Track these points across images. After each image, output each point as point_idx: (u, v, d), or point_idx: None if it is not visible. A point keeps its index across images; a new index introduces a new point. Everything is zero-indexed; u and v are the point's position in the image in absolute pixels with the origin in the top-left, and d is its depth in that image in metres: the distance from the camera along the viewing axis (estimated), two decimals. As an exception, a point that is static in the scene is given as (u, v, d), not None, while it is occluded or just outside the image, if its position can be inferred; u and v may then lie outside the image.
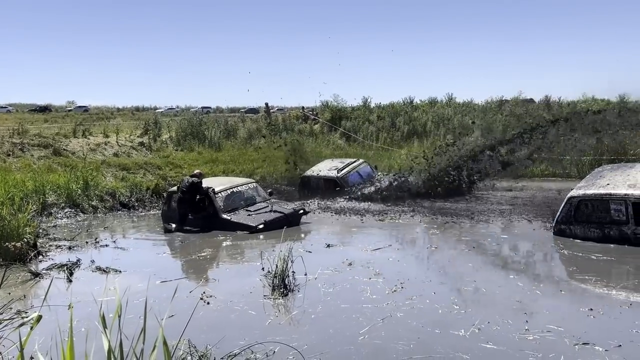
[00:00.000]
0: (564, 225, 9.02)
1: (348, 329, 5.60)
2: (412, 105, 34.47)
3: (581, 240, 8.66)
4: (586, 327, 5.20)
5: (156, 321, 5.82)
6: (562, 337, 4.98)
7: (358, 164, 16.94)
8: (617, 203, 8.36)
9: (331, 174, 16.08)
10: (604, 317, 5.46)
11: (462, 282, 6.98)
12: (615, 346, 4.72)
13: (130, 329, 3.03)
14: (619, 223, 8.34)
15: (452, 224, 11.15)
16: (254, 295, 6.96)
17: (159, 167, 18.99)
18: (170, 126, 25.15)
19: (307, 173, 16.99)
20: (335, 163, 17.18)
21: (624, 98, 33.68)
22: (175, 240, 11.10)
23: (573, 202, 8.90)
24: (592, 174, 9.82)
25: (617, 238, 8.33)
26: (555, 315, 5.54)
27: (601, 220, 8.56)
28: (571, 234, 8.88)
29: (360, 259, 8.42)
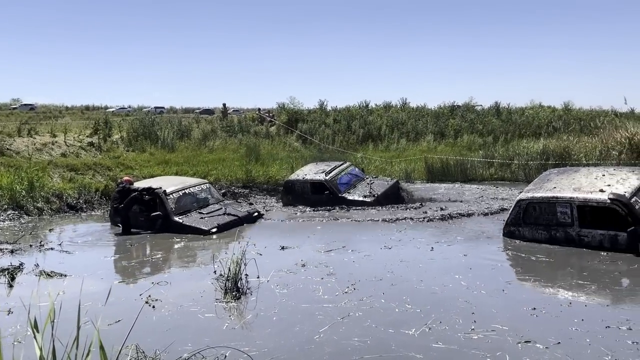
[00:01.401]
0: (513, 227, 9.25)
1: (301, 332, 5.59)
2: (368, 109, 34.83)
3: (529, 241, 8.91)
4: (529, 326, 5.36)
5: (102, 326, 5.68)
6: (506, 336, 5.11)
7: (346, 167, 16.25)
8: (563, 206, 8.62)
9: (318, 177, 15.23)
10: (546, 316, 5.64)
11: (413, 283, 7.08)
12: (554, 343, 4.88)
13: (69, 334, 2.93)
14: (565, 225, 8.60)
15: (412, 224, 11.33)
16: (205, 298, 6.85)
17: (109, 168, 18.45)
18: (121, 126, 24.50)
19: (291, 177, 16.13)
20: (321, 166, 16.40)
21: (568, 105, 35.11)
22: (125, 243, 10.81)
23: (522, 205, 9.14)
24: (539, 178, 10.10)
25: (563, 239, 8.60)
26: (501, 315, 5.69)
27: (548, 222, 8.81)
28: (520, 235, 9.12)
29: (314, 260, 8.43)
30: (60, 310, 2.44)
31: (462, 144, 25.20)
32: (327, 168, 15.75)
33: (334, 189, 14.80)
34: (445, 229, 10.67)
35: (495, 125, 27.94)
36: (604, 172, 9.19)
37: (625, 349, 4.70)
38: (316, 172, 15.65)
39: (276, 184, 18.49)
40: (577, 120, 27.82)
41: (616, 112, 31.08)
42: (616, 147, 18.07)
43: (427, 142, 26.20)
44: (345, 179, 15.37)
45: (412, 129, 27.94)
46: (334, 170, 15.48)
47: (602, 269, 7.36)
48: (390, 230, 10.85)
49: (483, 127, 27.75)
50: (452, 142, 26.10)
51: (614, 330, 5.13)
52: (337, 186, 14.99)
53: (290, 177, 16.29)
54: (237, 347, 5.07)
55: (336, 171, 15.49)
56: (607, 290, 6.51)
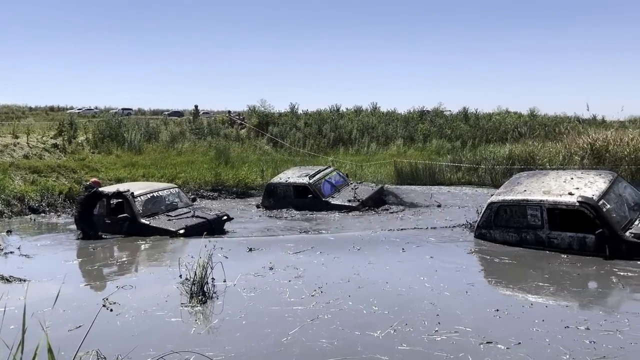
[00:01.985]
0: (484, 230, 9.33)
1: (269, 335, 5.55)
2: (339, 113, 35.02)
3: (500, 244, 9.01)
4: (492, 327, 5.45)
5: (60, 332, 5.53)
6: (469, 337, 5.18)
7: (329, 171, 16.14)
8: (533, 208, 8.69)
9: (302, 180, 15.06)
10: (509, 317, 5.73)
11: (379, 285, 7.11)
12: (515, 344, 4.97)
13: (33, 342, 2.84)
14: (535, 227, 8.68)
15: (382, 225, 11.40)
16: (170, 303, 6.72)
17: (74, 170, 18.03)
18: (87, 127, 23.97)
19: (273, 180, 15.97)
20: (304, 170, 16.25)
21: (534, 111, 36.00)
22: (88, 247, 10.56)
23: (493, 208, 9.21)
24: (509, 181, 10.21)
25: (533, 242, 8.70)
26: (465, 316, 5.77)
27: (519, 224, 8.88)
28: (491, 237, 9.21)
29: (282, 262, 8.37)
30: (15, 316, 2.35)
31: (431, 149, 25.54)
32: (310, 172, 15.65)
33: (317, 192, 14.69)
34: (418, 232, 10.79)
35: (463, 130, 28.43)
36: (572, 176, 9.36)
37: (583, 348, 4.81)
38: (299, 175, 15.51)
39: (246, 187, 18.39)
40: (542, 126, 28.54)
41: (579, 118, 32.03)
42: (579, 153, 18.62)
43: (397, 146, 26.48)
44: (328, 183, 15.33)
45: (382, 133, 28.20)
46: (317, 174, 15.40)
47: (563, 271, 7.53)
48: (363, 231, 10.92)
49: (451, 132, 28.21)
50: (421, 146, 26.44)
51: (572, 330, 5.25)
52: (321, 190, 14.88)
53: (272, 180, 16.12)
54: (202, 352, 4.99)
55: (320, 175, 15.41)
56: (566, 292, 6.65)
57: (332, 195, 14.86)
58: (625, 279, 7.05)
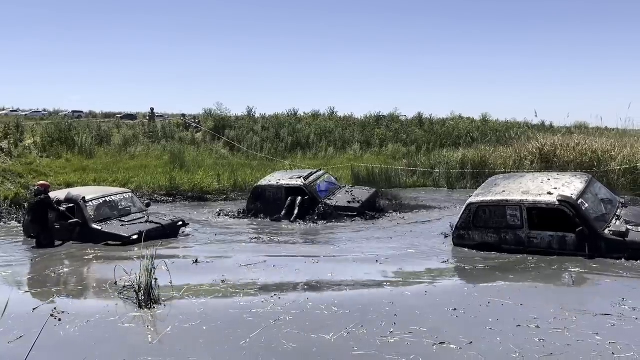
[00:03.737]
0: (462, 231, 9.33)
1: (223, 342, 5.46)
2: (296, 117, 35.04)
3: (479, 244, 9.08)
4: (447, 327, 5.53)
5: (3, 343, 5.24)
6: (422, 338, 5.22)
7: (322, 174, 15.26)
8: (512, 209, 8.76)
9: (295, 181, 14.11)
10: (465, 316, 5.83)
11: (336, 288, 7.14)
12: (467, 343, 5.05)
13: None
14: (515, 228, 8.75)
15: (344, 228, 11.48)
16: (120, 310, 6.53)
17: (21, 175, 17.29)
18: (35, 130, 23.05)
19: (261, 183, 15.00)
20: (293, 173, 15.37)
21: (486, 117, 37.04)
22: (32, 255, 10.14)
23: (472, 209, 9.23)
24: (487, 183, 10.28)
25: (513, 242, 8.76)
26: (422, 317, 5.84)
27: (498, 225, 8.93)
28: (470, 239, 9.22)
29: (232, 272, 8.13)
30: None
31: (387, 153, 25.87)
32: (303, 174, 14.80)
33: (314, 194, 13.84)
34: (394, 233, 10.95)
35: (418, 135, 28.94)
36: (549, 177, 9.55)
37: (532, 346, 4.95)
38: (291, 177, 14.65)
39: (202, 192, 18.09)
40: (494, 131, 29.36)
41: (528, 124, 33.20)
42: (528, 157, 19.26)
43: (354, 150, 26.69)
44: (323, 185, 14.60)
45: (339, 137, 28.37)
46: (311, 176, 14.60)
47: (523, 270, 7.73)
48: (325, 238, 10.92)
49: (407, 136, 28.66)
50: (377, 151, 26.75)
51: (523, 329, 5.40)
52: (317, 192, 14.05)
53: (260, 182, 15.21)
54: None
55: (314, 177, 14.63)
56: (521, 290, 6.79)
57: (328, 198, 14.14)
58: (577, 278, 7.30)
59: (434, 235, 10.75)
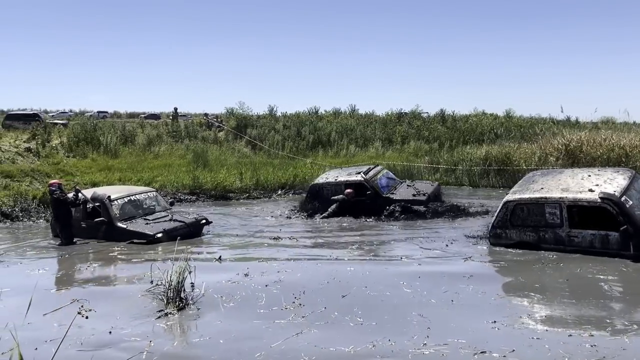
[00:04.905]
0: (499, 230, 9.08)
1: (250, 341, 5.49)
2: (317, 115, 35.01)
3: (516, 243, 8.79)
4: (488, 337, 5.27)
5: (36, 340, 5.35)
6: (459, 349, 5.01)
7: (380, 169, 14.70)
8: (551, 206, 8.50)
9: (355, 177, 13.61)
10: (507, 328, 5.53)
11: (365, 294, 6.90)
12: (509, 351, 4.86)
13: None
14: (554, 226, 8.50)
15: (375, 230, 11.27)
16: (148, 309, 6.60)
17: (48, 174, 17.61)
18: (61, 131, 23.49)
19: (318, 181, 14.45)
20: (350, 170, 14.86)
21: (510, 113, 36.51)
22: (62, 254, 10.33)
23: (509, 207, 8.97)
24: (523, 180, 10.02)
25: (552, 241, 8.50)
26: (459, 329, 5.55)
27: (536, 223, 8.68)
28: (507, 237, 8.98)
29: (257, 271, 8.13)
30: None
31: (409, 150, 25.66)
32: (361, 169, 14.33)
33: (376, 188, 13.29)
34: (423, 233, 10.78)
35: (441, 132, 28.63)
36: (589, 173, 9.22)
37: (583, 351, 4.77)
38: (349, 173, 14.17)
39: (224, 191, 18.20)
40: (518, 127, 28.91)
41: (554, 120, 32.60)
42: (553, 153, 18.91)
43: (375, 148, 26.54)
44: (384, 180, 14.07)
45: (360, 135, 28.24)
46: (370, 171, 14.05)
47: (562, 274, 7.40)
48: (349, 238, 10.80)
49: (429, 133, 28.38)
50: (399, 148, 26.55)
51: (576, 338, 5.13)
52: (379, 187, 13.51)
53: (316, 180, 14.69)
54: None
55: (373, 172, 14.07)
56: (566, 298, 6.47)
57: (391, 192, 13.54)
58: (627, 280, 6.92)
59: (467, 234, 10.42)
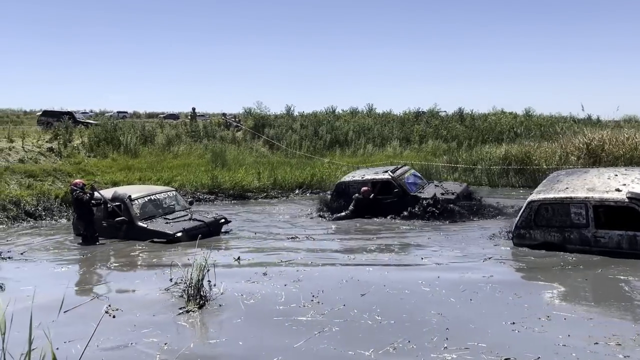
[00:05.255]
0: (523, 230, 8.92)
1: (274, 340, 5.53)
2: (334, 115, 35.01)
3: (540, 244, 8.65)
4: (508, 341, 5.16)
5: (64, 338, 5.44)
6: (481, 354, 4.90)
7: (408, 168, 14.64)
8: (577, 206, 8.34)
9: (382, 175, 13.59)
10: (528, 331, 5.43)
11: (383, 293, 6.89)
12: (534, 358, 4.74)
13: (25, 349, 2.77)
14: (580, 226, 8.35)
15: (397, 230, 11.29)
16: (168, 307, 6.69)
17: (70, 174, 17.90)
18: (82, 131, 23.86)
19: (345, 179, 14.42)
20: (377, 169, 14.92)
21: (529, 112, 36.07)
22: (84, 252, 10.51)
23: (533, 207, 8.82)
24: (548, 179, 9.90)
25: (578, 242, 8.36)
26: (479, 331, 5.47)
27: (561, 224, 8.53)
28: (531, 238, 8.82)
29: (276, 270, 8.19)
30: (12, 323, 2.31)
31: (427, 150, 25.54)
32: (389, 168, 14.33)
33: (403, 187, 13.21)
34: (445, 234, 10.71)
35: (459, 131, 28.43)
36: (616, 172, 9.07)
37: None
38: (376, 172, 14.19)
39: (242, 190, 18.31)
40: (538, 126, 28.58)
41: (574, 118, 32.15)
42: (575, 152, 18.65)
43: (393, 147, 26.46)
44: (411, 179, 13.99)
45: (378, 134, 28.17)
46: (398, 170, 14.04)
47: (585, 275, 7.25)
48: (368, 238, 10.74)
49: (447, 132, 28.20)
50: (417, 147, 26.43)
51: (602, 346, 4.98)
52: (407, 185, 13.42)
53: (343, 179, 14.62)
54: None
55: (400, 171, 14.06)
56: (587, 301, 6.35)
57: (419, 191, 13.43)
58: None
59: (489, 235, 10.29)
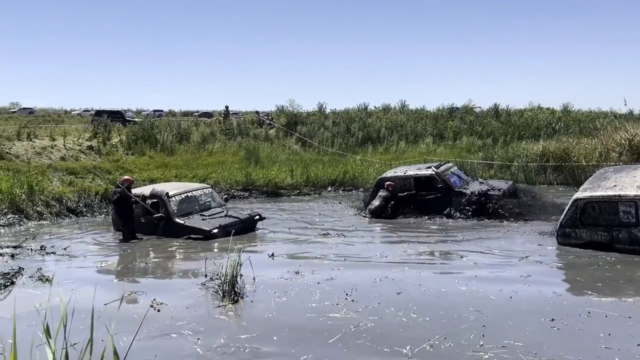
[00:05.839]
0: (568, 229, 8.71)
1: (308, 335, 5.58)
2: (367, 112, 34.90)
3: (586, 243, 8.44)
4: (547, 341, 5.05)
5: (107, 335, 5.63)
6: (518, 354, 4.81)
7: (451, 165, 14.34)
8: (626, 205, 8.10)
9: (425, 171, 13.30)
10: (567, 329, 5.31)
11: (419, 291, 6.86)
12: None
13: (77, 340, 2.88)
14: (628, 225, 8.12)
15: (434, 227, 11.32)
16: (206, 302, 6.83)
17: (109, 171, 18.41)
18: (120, 130, 24.48)
19: (386, 175, 14.13)
20: (419, 165, 14.64)
21: (567, 107, 35.17)
22: (124, 248, 10.79)
23: (579, 205, 8.59)
24: (594, 176, 9.69)
25: (627, 241, 8.12)
26: (517, 328, 5.38)
27: (609, 222, 8.31)
28: (576, 237, 8.61)
29: (309, 267, 8.24)
30: (73, 316, 2.41)
31: (461, 146, 25.22)
32: (432, 164, 14.14)
33: (448, 183, 12.93)
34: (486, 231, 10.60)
35: (494, 127, 27.97)
36: None
37: None
38: (418, 168, 13.92)
39: (276, 187, 18.46)
40: (577, 121, 27.86)
41: (615, 113, 31.19)
42: (616, 149, 18.10)
43: (426, 144, 26.21)
44: (455, 176, 13.65)
45: (411, 131, 27.95)
46: (442, 166, 13.74)
47: (623, 278, 7.07)
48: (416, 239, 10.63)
49: (482, 129, 27.77)
50: (451, 144, 26.12)
51: None
52: (451, 181, 13.12)
53: (384, 174, 14.36)
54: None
55: (444, 167, 13.73)
56: (627, 300, 6.19)
57: (463, 188, 13.18)
58: None
59: (531, 233, 10.10)
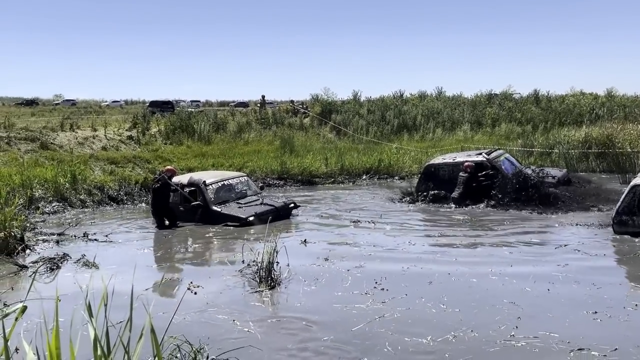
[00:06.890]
0: (625, 216, 8.44)
1: (335, 321, 5.60)
2: (402, 99, 34.53)
3: None
4: (586, 332, 4.92)
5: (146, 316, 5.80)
6: (552, 343, 4.71)
7: (502, 152, 13.91)
8: None
9: (476, 157, 12.90)
10: (610, 320, 5.16)
11: (449, 281, 6.79)
12: (611, 350, 4.48)
13: (118, 320, 2.97)
14: None
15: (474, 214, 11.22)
16: (243, 287, 6.95)
17: (148, 160, 18.85)
18: (159, 120, 24.99)
19: (434, 161, 13.76)
20: (469, 152, 14.29)
21: (612, 92, 33.93)
22: (163, 235, 11.04)
23: (637, 191, 8.33)
24: None
25: None
26: (555, 320, 5.26)
27: None
28: (634, 225, 8.33)
29: (340, 255, 8.29)
30: (112, 297, 2.49)
31: (500, 133, 24.71)
32: (482, 152, 13.67)
33: (500, 169, 12.55)
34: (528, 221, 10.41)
35: (535, 113, 27.30)
36: None
37: None
38: (468, 155, 13.56)
39: (310, 176, 18.50)
40: (621, 107, 26.88)
41: (663, 97, 29.90)
42: (664, 134, 17.39)
43: (464, 131, 25.80)
44: (506, 163, 13.23)
45: (448, 118, 27.56)
46: (493, 153, 13.42)
47: None
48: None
49: (522, 115, 27.15)
50: (489, 131, 25.64)
51: None
52: (503, 168, 12.74)
53: (432, 161, 14.02)
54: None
55: (495, 154, 13.41)
56: None
57: (515, 174, 12.63)
58: None
59: (583, 222, 9.81)
